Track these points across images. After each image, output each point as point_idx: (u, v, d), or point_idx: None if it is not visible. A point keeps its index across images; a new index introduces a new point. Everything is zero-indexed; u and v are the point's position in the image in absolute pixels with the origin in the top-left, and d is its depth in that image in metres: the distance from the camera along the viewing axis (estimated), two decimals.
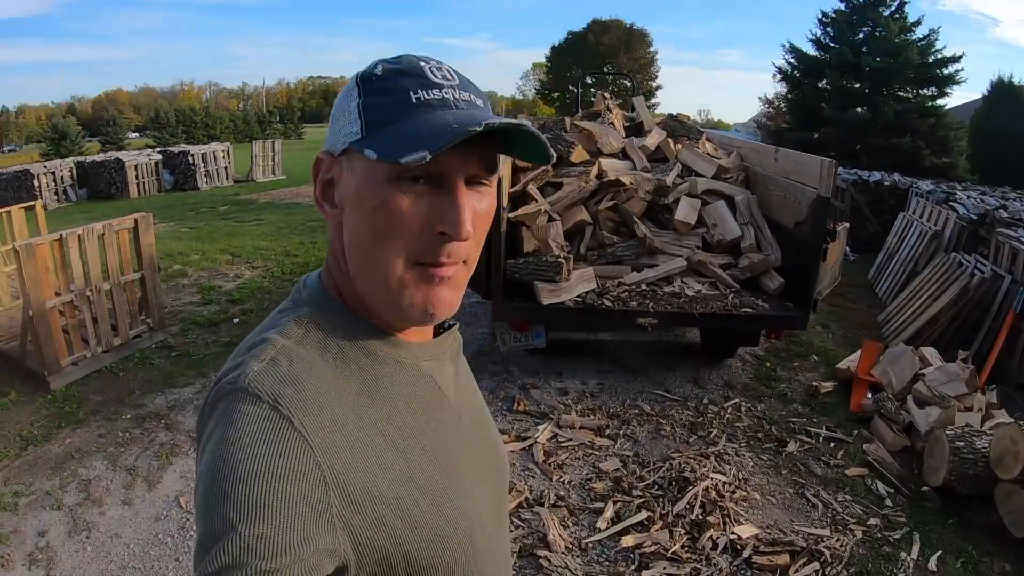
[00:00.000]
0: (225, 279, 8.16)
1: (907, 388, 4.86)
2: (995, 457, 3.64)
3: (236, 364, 0.72)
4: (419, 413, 0.79)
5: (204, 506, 0.62)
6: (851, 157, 16.03)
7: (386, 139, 0.69)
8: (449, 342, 0.90)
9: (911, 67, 17.23)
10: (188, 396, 4.89)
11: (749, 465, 4.15)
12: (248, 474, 0.61)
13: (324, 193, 0.79)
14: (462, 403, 0.88)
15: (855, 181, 11.24)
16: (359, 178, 0.73)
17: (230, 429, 0.64)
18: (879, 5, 18.20)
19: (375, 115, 0.71)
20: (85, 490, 3.80)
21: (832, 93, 18.46)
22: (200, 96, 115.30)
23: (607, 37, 46.21)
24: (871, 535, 3.50)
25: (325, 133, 0.83)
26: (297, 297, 0.83)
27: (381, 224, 0.71)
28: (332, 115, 0.78)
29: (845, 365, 5.55)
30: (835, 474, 4.11)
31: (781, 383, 5.50)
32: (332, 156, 0.77)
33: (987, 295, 6.01)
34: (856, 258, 10.04)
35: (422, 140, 0.66)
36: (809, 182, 4.71)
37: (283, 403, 0.66)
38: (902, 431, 4.49)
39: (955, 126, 17.62)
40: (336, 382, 0.72)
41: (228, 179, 19.31)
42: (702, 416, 4.78)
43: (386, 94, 0.72)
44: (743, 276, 5.15)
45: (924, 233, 8.07)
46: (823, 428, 4.68)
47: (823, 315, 7.26)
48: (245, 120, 55.51)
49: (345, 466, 0.67)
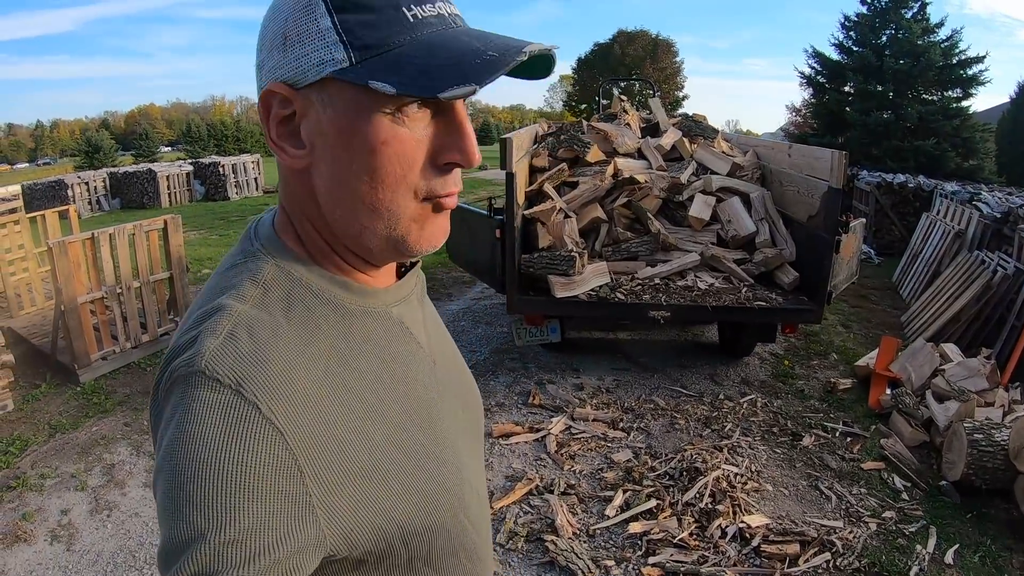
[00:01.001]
0: None
1: (926, 384, 4.77)
2: (1014, 449, 3.53)
3: (189, 340, 0.62)
4: (395, 368, 0.73)
5: (166, 510, 0.56)
6: (875, 160, 15.82)
7: (401, 68, 0.59)
8: (414, 282, 0.83)
9: (934, 69, 16.93)
10: None
11: (763, 458, 4.09)
12: (213, 473, 0.55)
13: (280, 132, 0.66)
14: (433, 347, 0.83)
15: (879, 184, 11.07)
16: (346, 112, 0.62)
17: (188, 421, 0.57)
18: (901, 7, 17.91)
19: (366, 37, 0.60)
20: (109, 473, 3.89)
21: (856, 96, 18.20)
22: (231, 111, 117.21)
23: (633, 48, 46.13)
24: (886, 527, 3.41)
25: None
26: (248, 248, 0.72)
27: (383, 164, 0.62)
28: (278, 35, 0.63)
29: (864, 362, 5.45)
30: (850, 468, 4.02)
31: (799, 380, 5.42)
32: (292, 88, 0.63)
33: (1010, 292, 5.87)
34: (881, 261, 9.91)
35: (459, 69, 0.58)
36: (820, 175, 4.66)
37: (247, 386, 0.58)
38: (920, 426, 4.39)
39: (981, 128, 17.27)
40: (305, 348, 0.64)
41: (258, 189, 19.50)
42: (717, 411, 4.72)
43: (370, 10, 0.60)
44: (757, 271, 5.10)
45: (947, 232, 7.92)
46: (840, 423, 4.60)
47: (845, 315, 7.18)
48: None
49: (321, 447, 0.60)
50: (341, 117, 0.62)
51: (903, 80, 17.32)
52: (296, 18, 0.62)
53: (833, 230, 4.47)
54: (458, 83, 0.57)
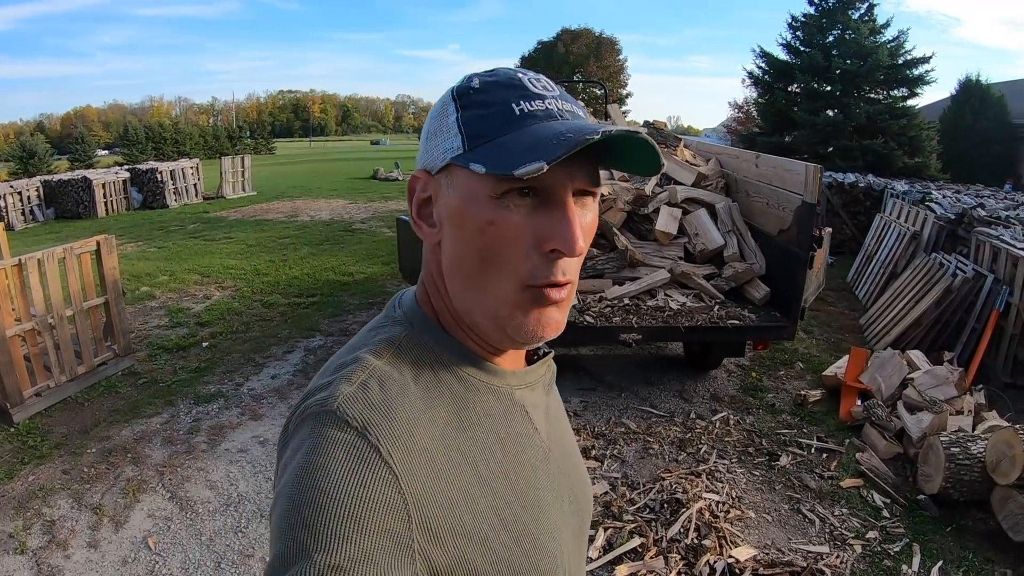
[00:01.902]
0: (194, 300, 7.99)
1: (896, 394, 4.84)
2: (991, 462, 3.60)
3: (325, 384, 0.70)
4: (508, 446, 0.77)
5: (280, 529, 0.61)
6: (823, 159, 16.16)
7: (495, 152, 0.67)
8: (543, 371, 0.87)
9: (881, 69, 17.46)
10: (155, 427, 4.73)
11: (742, 482, 4.09)
12: (329, 502, 0.59)
13: (420, 212, 0.77)
14: (552, 436, 0.86)
15: (830, 183, 11.36)
16: (461, 195, 0.70)
17: (315, 453, 0.63)
18: (848, 8, 18.44)
19: (478, 128, 0.69)
20: (49, 532, 3.62)
21: (803, 96, 18.66)
22: (170, 112, 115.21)
23: (577, 46, 46.66)
24: (871, 549, 3.44)
25: (296, 148, 0.74)
26: (392, 315, 0.81)
27: (488, 244, 0.69)
28: (425, 132, 0.76)
29: (832, 372, 5.52)
30: (830, 487, 4.05)
31: (768, 393, 5.46)
32: (429, 174, 0.74)
33: (970, 295, 6.02)
34: (834, 261, 10.10)
35: (536, 150, 0.64)
36: (793, 188, 4.67)
37: (372, 431, 0.64)
38: (894, 438, 4.46)
39: (926, 126, 17.85)
40: (427, 409, 0.70)
41: (198, 196, 19.00)
42: (690, 432, 4.71)
43: (486, 107, 0.70)
44: (727, 286, 5.11)
45: (902, 234, 8.11)
46: (814, 439, 4.63)
47: (805, 321, 7.24)
48: (215, 135, 54.85)
49: (431, 499, 0.65)
50: (458, 198, 0.70)
51: (850, 80, 17.80)
52: (437, 117, 0.74)
53: (807, 245, 4.49)
54: (531, 161, 0.62)
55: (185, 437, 4.58)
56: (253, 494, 3.92)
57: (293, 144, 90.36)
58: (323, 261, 9.99)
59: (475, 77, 0.73)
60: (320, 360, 5.90)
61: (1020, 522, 3.41)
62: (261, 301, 7.85)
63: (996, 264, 6.09)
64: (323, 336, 6.58)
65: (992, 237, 6.40)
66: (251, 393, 5.27)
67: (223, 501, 3.85)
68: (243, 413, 4.93)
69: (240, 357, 6.03)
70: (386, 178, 23.89)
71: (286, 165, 37.68)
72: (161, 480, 4.06)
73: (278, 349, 6.23)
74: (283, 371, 5.71)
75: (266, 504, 3.80)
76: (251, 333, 6.70)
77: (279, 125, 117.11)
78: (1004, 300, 5.74)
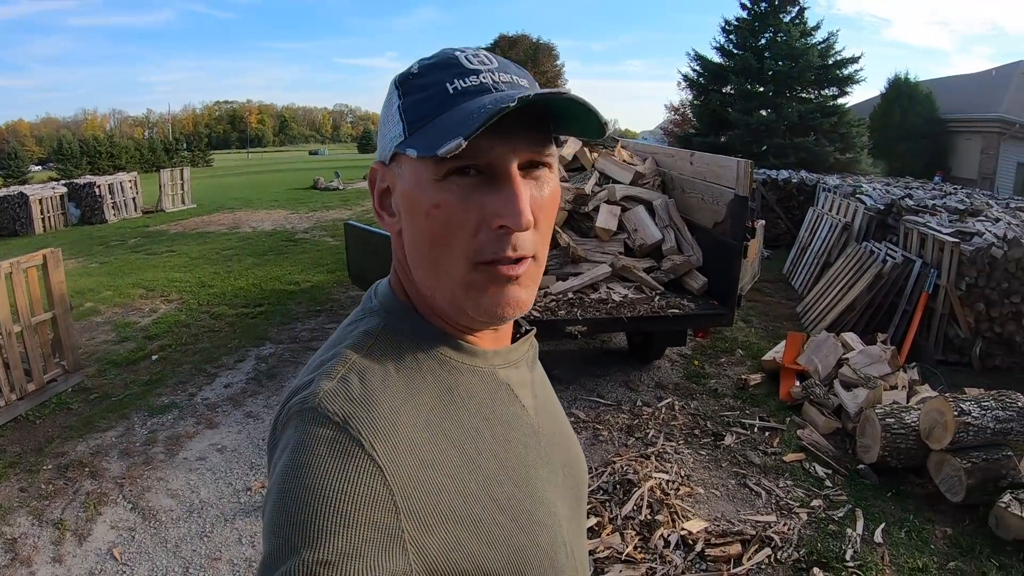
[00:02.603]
0: (140, 314, 7.83)
1: (833, 373, 5.08)
2: (925, 429, 3.83)
3: (307, 381, 0.71)
4: (496, 425, 0.77)
5: (269, 528, 0.62)
6: (757, 158, 16.65)
7: (427, 134, 0.68)
8: (525, 348, 0.87)
9: (812, 69, 18.16)
10: (111, 441, 4.65)
11: (690, 461, 4.24)
12: (314, 499, 0.60)
13: (382, 203, 0.78)
14: (540, 413, 0.86)
15: (764, 180, 11.75)
16: (409, 181, 0.71)
17: (299, 451, 0.64)
18: (780, 12, 19.12)
19: (415, 113, 0.70)
20: (12, 550, 3.53)
21: (737, 97, 19.22)
22: (104, 125, 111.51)
23: (514, 52, 46.88)
24: (816, 516, 3.62)
25: (234, 159, 0.80)
26: (368, 306, 0.82)
27: (436, 226, 0.69)
28: (379, 124, 0.78)
29: (771, 356, 5.75)
30: (773, 462, 4.24)
31: (711, 379, 5.65)
32: (384, 165, 0.76)
33: (900, 279, 6.34)
34: (770, 254, 10.44)
35: (457, 128, 0.64)
36: (726, 183, 4.91)
37: (353, 424, 0.64)
38: (832, 414, 4.69)
39: (856, 123, 18.59)
40: (411, 397, 0.70)
41: (137, 210, 18.45)
42: (637, 418, 4.85)
43: (423, 90, 0.70)
44: (667, 278, 5.32)
45: (835, 225, 8.46)
46: (756, 419, 4.83)
47: (744, 311, 7.50)
48: (151, 148, 53.45)
49: (418, 488, 0.65)
50: (407, 185, 0.72)
51: (783, 81, 18.44)
52: (385, 107, 0.76)
53: (741, 236, 4.74)
54: (451, 139, 0.63)
55: (142, 448, 4.52)
56: (215, 499, 3.90)
57: (231, 156, 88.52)
58: (268, 271, 9.88)
59: (417, 63, 0.74)
60: (272, 367, 5.91)
61: (956, 484, 3.65)
62: (208, 312, 7.75)
63: (924, 249, 6.42)
64: (273, 344, 6.54)
65: (919, 224, 6.74)
66: (205, 402, 5.22)
67: (186, 508, 3.82)
68: (198, 422, 4.88)
69: (191, 368, 5.96)
70: (326, 187, 23.63)
71: (225, 177, 36.96)
72: (121, 492, 4.00)
73: (229, 358, 6.17)
74: (236, 379, 5.66)
75: (229, 509, 3.81)
76: (200, 344, 6.62)
77: (216, 137, 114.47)
78: (932, 282, 6.07)
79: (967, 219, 7.17)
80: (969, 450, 3.71)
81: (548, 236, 0.76)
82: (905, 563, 3.28)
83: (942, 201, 8.62)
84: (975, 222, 6.86)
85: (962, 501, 3.60)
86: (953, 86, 23.79)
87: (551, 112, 0.71)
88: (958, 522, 3.61)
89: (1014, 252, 5.78)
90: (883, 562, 3.27)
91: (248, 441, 4.59)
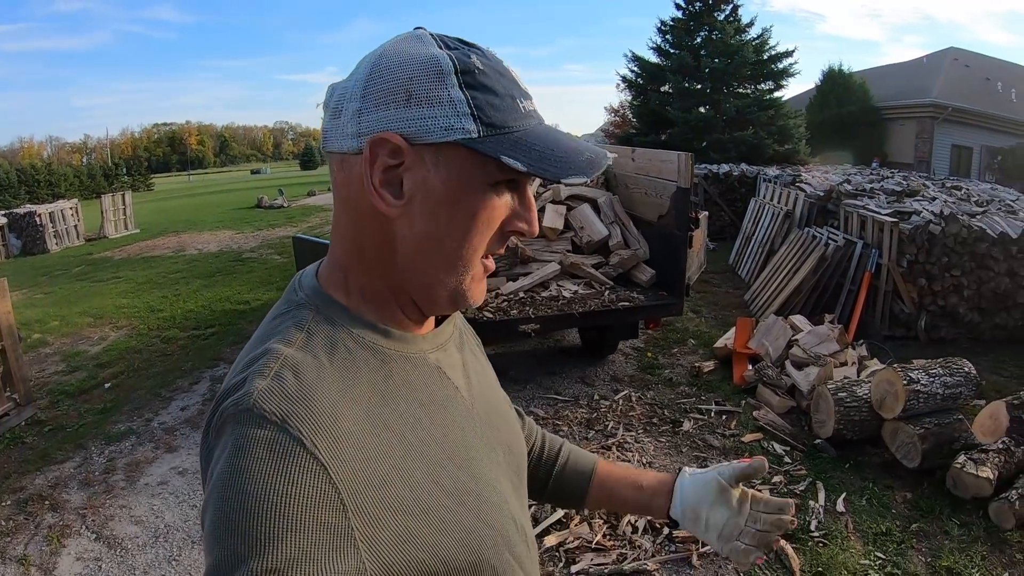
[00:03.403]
0: (90, 343, 7.58)
1: (784, 355, 5.19)
2: (877, 400, 3.95)
3: (238, 382, 0.67)
4: (432, 410, 0.77)
5: (211, 540, 0.59)
6: (698, 153, 16.92)
7: (525, 151, 0.69)
8: (450, 329, 0.88)
9: (748, 65, 18.57)
10: (69, 472, 4.48)
11: (651, 449, 4.28)
12: (258, 504, 0.58)
13: (384, 180, 0.71)
14: (474, 392, 0.86)
15: (706, 175, 11.98)
16: (457, 178, 0.70)
17: (237, 456, 0.61)
18: (715, 10, 19.53)
19: (493, 117, 0.69)
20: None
21: (675, 96, 19.51)
22: (41, 152, 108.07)
23: None
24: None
25: (175, 182, 0.75)
26: (293, 298, 0.79)
27: (477, 225, 0.72)
28: (393, 90, 0.69)
29: (722, 343, 5.86)
30: (732, 443, 4.31)
31: (665, 369, 5.72)
32: (408, 142, 0.69)
33: (843, 261, 6.52)
34: (716, 247, 10.66)
35: (573, 164, 0.70)
36: (668, 177, 5.02)
37: (292, 423, 0.62)
38: (786, 394, 4.79)
39: (793, 115, 19.09)
40: (347, 389, 0.69)
41: (79, 238, 17.89)
42: (596, 412, 4.88)
43: (496, 95, 0.70)
44: (615, 272, 5.41)
45: (776, 214, 8.66)
46: (712, 404, 4.91)
47: (693, 302, 7.64)
48: (91, 175, 51.92)
49: (364, 482, 0.64)
50: (453, 180, 0.70)
51: (719, 77, 18.82)
52: (425, 80, 0.69)
53: (685, 227, 4.87)
54: (575, 174, 0.69)
55: (102, 477, 4.37)
56: (181, 523, 3.79)
57: (172, 179, 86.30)
58: (217, 292, 9.70)
59: (471, 53, 0.71)
60: None
61: (912, 450, 3.77)
62: (159, 337, 7.55)
63: (864, 231, 6.62)
64: (227, 364, 6.37)
65: (859, 207, 6.95)
66: (163, 427, 5.07)
67: (151, 534, 3.70)
68: (157, 447, 4.74)
69: (146, 393, 5.79)
70: (271, 206, 23.36)
71: (167, 200, 36.17)
72: (84, 522, 3.86)
73: (184, 381, 6.02)
74: (192, 402, 5.53)
75: (195, 531, 3.70)
76: (154, 369, 6.44)
77: (156, 160, 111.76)
78: (875, 262, 6.26)
79: (904, 200, 7.41)
80: (921, 417, 3.83)
81: None
82: (869, 529, 3.37)
83: (880, 185, 8.89)
84: (912, 202, 7.10)
85: (918, 466, 3.72)
86: (886, 75, 24.78)
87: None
88: (917, 486, 3.73)
89: (951, 228, 5.99)
90: (847, 530, 3.36)
91: None
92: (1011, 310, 6.20)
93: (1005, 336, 6.27)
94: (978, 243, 6.03)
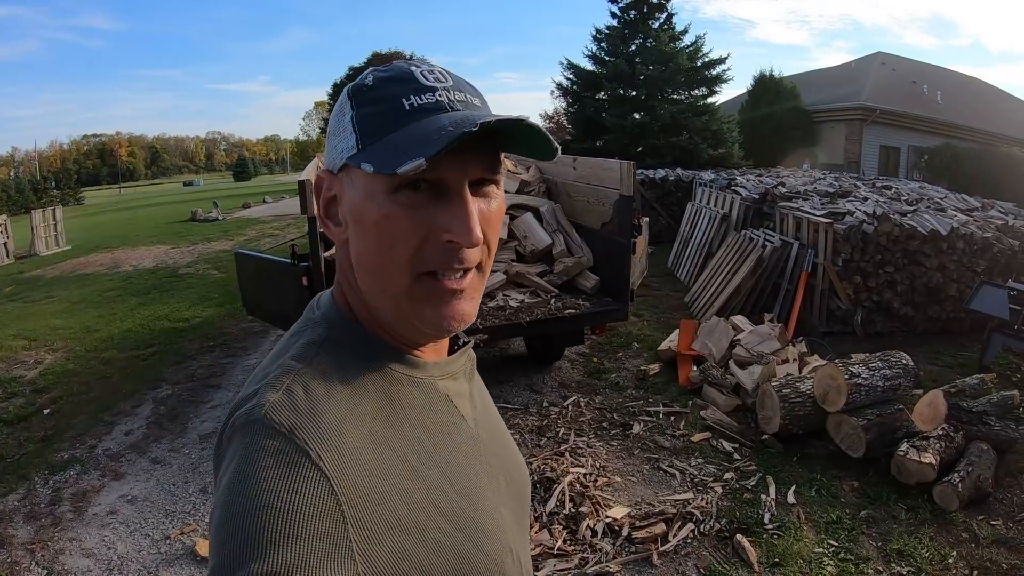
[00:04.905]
0: (25, 367, 7.26)
1: (727, 355, 5.36)
2: (820, 395, 4.13)
3: (251, 393, 0.71)
4: (437, 435, 0.79)
5: (217, 541, 0.62)
6: (634, 159, 17.09)
7: (383, 150, 0.69)
8: (463, 360, 0.89)
9: (682, 72, 18.96)
10: (13, 505, 4.28)
11: (603, 453, 4.36)
12: (262, 510, 0.61)
13: (328, 211, 0.79)
14: (479, 422, 0.88)
15: (643, 180, 12.25)
16: (359, 193, 0.73)
17: (245, 463, 0.64)
18: (649, 19, 19.90)
19: (369, 127, 0.72)
20: None
21: (610, 102, 19.79)
22: None
23: None
24: (730, 487, 3.84)
25: (106, 195, 0.76)
26: (310, 317, 0.82)
27: (384, 237, 0.71)
28: (328, 132, 0.79)
29: (666, 346, 6.02)
30: (682, 443, 4.44)
31: (611, 374, 5.84)
32: (332, 174, 0.77)
33: (780, 261, 6.75)
34: (654, 250, 10.85)
35: (416, 147, 0.66)
36: (610, 184, 5.13)
37: (299, 435, 0.65)
38: (731, 392, 4.97)
39: (726, 119, 19.57)
40: (354, 407, 0.71)
41: (8, 256, 17.02)
42: (546, 419, 4.95)
43: (378, 103, 0.72)
44: (560, 280, 5.50)
45: (713, 217, 8.92)
46: (660, 406, 5.05)
47: (635, 306, 7.75)
48: (19, 188, 49.66)
49: (364, 498, 0.66)
50: (358, 196, 0.73)
51: (654, 84, 19.15)
52: (336, 116, 0.77)
53: (628, 234, 4.99)
54: (412, 158, 0.65)
55: (48, 509, 4.19)
56: (134, 553, 3.67)
57: (102, 192, 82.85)
58: (155, 310, 9.42)
59: (370, 73, 0.75)
60: (173, 409, 5.63)
61: (856, 441, 3.96)
62: (98, 358, 7.29)
63: (800, 232, 6.88)
64: (169, 385, 6.22)
65: (794, 209, 7.21)
66: (107, 453, 4.90)
67: (104, 567, 3.58)
68: (103, 475, 4.58)
69: (87, 418, 5.58)
70: (205, 219, 22.82)
71: (99, 215, 34.72)
72: (33, 558, 3.71)
73: (126, 404, 5.83)
74: (136, 425, 5.35)
75: (151, 561, 3.60)
76: (94, 393, 6.21)
77: (85, 172, 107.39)
78: (811, 261, 6.52)
79: (837, 200, 7.72)
80: (863, 409, 4.03)
81: (494, 247, 0.78)
82: (820, 518, 3.54)
83: (813, 186, 9.22)
84: (845, 203, 7.40)
85: (863, 455, 3.91)
86: (816, 79, 25.82)
87: (503, 133, 0.73)
88: (863, 475, 3.93)
89: (884, 227, 6.28)
90: (800, 520, 3.51)
91: (158, 488, 4.34)
92: (943, 303, 6.53)
93: (938, 328, 6.62)
94: (910, 240, 6.35)
